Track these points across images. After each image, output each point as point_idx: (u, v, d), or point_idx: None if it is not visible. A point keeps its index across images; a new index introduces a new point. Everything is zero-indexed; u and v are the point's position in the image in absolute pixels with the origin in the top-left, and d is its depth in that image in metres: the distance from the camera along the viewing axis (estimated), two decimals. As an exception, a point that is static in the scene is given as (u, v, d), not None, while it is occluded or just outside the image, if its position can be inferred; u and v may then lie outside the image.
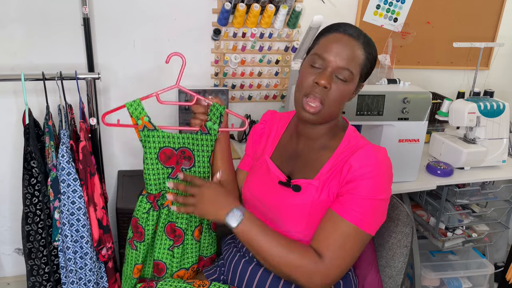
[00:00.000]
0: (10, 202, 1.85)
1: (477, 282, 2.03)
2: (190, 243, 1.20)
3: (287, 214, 1.05)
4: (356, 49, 1.00)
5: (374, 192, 0.97)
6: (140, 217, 1.17)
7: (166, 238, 1.18)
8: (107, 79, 1.78)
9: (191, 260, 1.21)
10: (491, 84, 2.34)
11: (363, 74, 1.04)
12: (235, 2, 1.74)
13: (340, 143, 1.06)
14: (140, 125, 1.11)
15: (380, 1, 2.02)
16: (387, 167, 1.01)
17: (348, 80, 1.00)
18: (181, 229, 1.18)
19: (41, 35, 1.65)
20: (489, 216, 1.93)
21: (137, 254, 1.18)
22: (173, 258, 1.18)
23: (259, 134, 1.24)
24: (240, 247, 1.17)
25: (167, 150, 1.14)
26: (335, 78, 1.00)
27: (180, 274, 1.20)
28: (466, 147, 1.70)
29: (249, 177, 1.18)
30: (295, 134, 1.14)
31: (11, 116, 1.72)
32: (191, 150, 1.16)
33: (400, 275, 1.19)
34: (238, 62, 1.88)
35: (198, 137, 1.16)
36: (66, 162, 1.34)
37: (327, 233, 0.99)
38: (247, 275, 1.09)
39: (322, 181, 1.02)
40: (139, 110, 1.12)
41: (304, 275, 0.97)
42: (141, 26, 1.75)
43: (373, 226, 1.00)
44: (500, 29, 2.25)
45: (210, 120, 1.16)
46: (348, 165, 0.99)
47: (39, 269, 1.56)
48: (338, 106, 1.03)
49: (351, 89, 1.03)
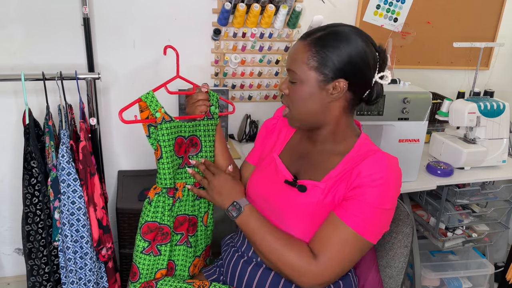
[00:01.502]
0: (10, 202, 1.85)
1: (477, 282, 2.03)
2: (200, 229, 1.24)
3: (290, 213, 1.05)
4: (299, 48, 1.01)
5: (380, 201, 0.96)
6: (161, 218, 1.15)
7: (174, 234, 1.19)
8: (107, 79, 1.78)
9: (201, 247, 1.25)
10: (491, 84, 2.34)
11: (321, 70, 0.98)
12: (235, 2, 1.74)
13: (352, 149, 1.05)
14: (159, 118, 1.10)
15: (380, 1, 2.02)
16: (397, 177, 1.00)
17: (295, 80, 1.02)
18: (195, 216, 1.21)
19: (41, 35, 1.65)
20: (489, 216, 1.93)
21: (162, 259, 1.16)
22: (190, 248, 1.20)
23: (270, 129, 1.24)
24: (238, 247, 1.16)
25: (179, 139, 1.16)
26: (289, 82, 1.04)
27: (195, 263, 1.23)
28: (466, 147, 1.70)
29: (256, 174, 1.18)
30: (305, 135, 1.15)
31: (11, 116, 1.72)
32: (198, 137, 1.20)
33: (401, 275, 1.19)
34: (238, 62, 1.88)
35: (205, 123, 1.20)
36: (66, 162, 1.34)
37: (326, 236, 0.99)
38: (246, 276, 1.09)
39: (329, 185, 1.02)
40: (155, 102, 1.11)
41: (295, 272, 0.98)
42: (141, 26, 1.75)
43: (374, 235, 0.99)
44: (500, 29, 2.25)
45: (213, 105, 1.22)
46: (357, 171, 0.98)
47: (39, 269, 1.56)
48: (304, 108, 1.03)
49: (307, 89, 1.00)
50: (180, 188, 1.18)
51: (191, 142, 1.20)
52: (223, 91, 1.90)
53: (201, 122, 1.19)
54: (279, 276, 1.06)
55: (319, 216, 1.02)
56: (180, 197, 1.18)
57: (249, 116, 1.95)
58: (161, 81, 1.20)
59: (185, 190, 1.19)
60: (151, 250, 1.15)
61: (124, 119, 1.08)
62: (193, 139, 1.20)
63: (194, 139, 1.20)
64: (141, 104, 1.11)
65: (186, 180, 1.19)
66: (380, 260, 1.25)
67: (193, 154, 1.20)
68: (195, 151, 1.20)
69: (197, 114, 1.19)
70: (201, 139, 1.20)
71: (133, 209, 1.63)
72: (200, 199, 1.22)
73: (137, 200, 1.68)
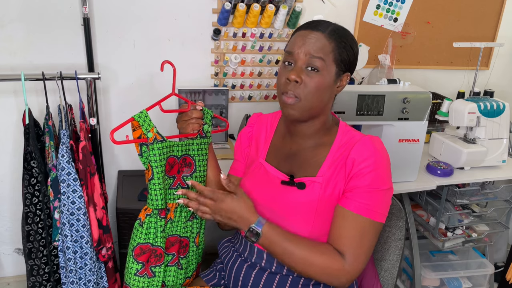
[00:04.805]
0: (10, 202, 1.85)
1: (477, 282, 2.03)
2: (192, 250, 1.20)
3: (294, 213, 1.04)
4: (321, 38, 1.00)
5: (379, 183, 1.00)
6: (154, 239, 1.11)
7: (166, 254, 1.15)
8: (107, 79, 1.78)
9: (192, 267, 1.21)
10: (491, 84, 2.34)
11: (339, 62, 1.01)
12: (235, 2, 1.74)
13: (335, 138, 1.07)
14: (151, 138, 1.07)
15: (380, 1, 2.02)
16: (386, 156, 1.04)
17: (320, 68, 0.99)
18: (187, 238, 1.17)
19: (41, 35, 1.65)
20: (489, 216, 1.93)
21: (156, 280, 1.13)
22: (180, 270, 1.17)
23: (247, 138, 1.23)
24: (241, 251, 1.14)
25: (171, 159, 1.13)
26: (306, 70, 1.00)
27: (185, 284, 1.20)
28: (466, 147, 1.70)
29: (246, 183, 1.16)
30: (288, 134, 1.14)
31: (11, 116, 1.72)
32: (192, 156, 1.16)
33: (396, 267, 1.21)
34: (238, 62, 1.88)
35: (198, 142, 1.16)
36: (66, 162, 1.34)
37: (342, 230, 1.00)
38: (251, 281, 1.08)
39: (326, 178, 1.03)
40: (148, 121, 1.08)
41: (330, 275, 0.99)
42: (141, 26, 1.75)
43: (383, 215, 1.03)
44: (500, 29, 2.25)
45: (206, 124, 1.18)
46: (351, 159, 1.01)
47: (39, 269, 1.56)
48: (317, 98, 1.01)
49: (327, 79, 1.01)
50: (172, 209, 1.14)
51: (184, 162, 1.15)
52: (223, 91, 1.90)
53: (194, 141, 1.15)
54: (284, 280, 1.05)
55: (323, 212, 1.03)
56: (172, 218, 1.14)
57: (249, 116, 1.95)
58: (161, 81, 1.19)
59: (177, 211, 1.15)
60: (145, 272, 1.12)
61: (115, 140, 1.05)
62: (187, 159, 1.16)
63: (188, 159, 1.16)
64: (133, 123, 1.08)
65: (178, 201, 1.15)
66: (375, 254, 1.27)
67: (187, 174, 1.15)
68: (189, 171, 1.16)
69: (190, 133, 1.15)
70: (195, 158, 1.16)
71: (133, 209, 1.63)
72: (192, 220, 1.18)
73: (137, 200, 1.67)
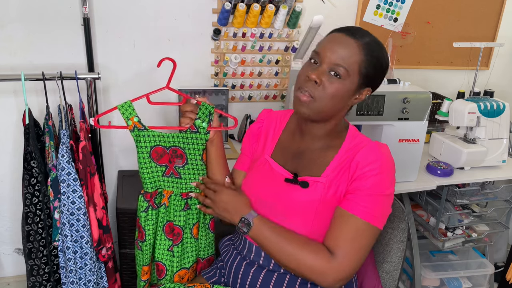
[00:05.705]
0: (10, 202, 1.85)
1: (477, 282, 2.03)
2: (189, 241, 1.20)
3: (294, 211, 1.05)
4: (353, 47, 0.98)
5: (381, 188, 1.00)
6: (140, 216, 1.19)
7: (165, 238, 1.18)
8: (107, 79, 1.78)
9: (191, 259, 1.21)
10: (491, 84, 2.34)
11: (363, 75, 1.00)
12: (235, 2, 1.74)
13: (344, 141, 1.08)
14: (130, 125, 1.14)
15: (380, 1, 2.02)
16: (392, 163, 1.04)
17: (342, 76, 0.98)
18: (180, 227, 1.18)
19: (41, 35, 1.65)
20: (489, 216, 1.93)
21: (142, 255, 1.19)
22: (173, 257, 1.18)
23: (256, 133, 1.23)
24: (240, 249, 1.15)
25: (158, 148, 1.17)
26: (329, 74, 0.99)
27: (181, 274, 1.20)
28: (466, 147, 1.70)
29: (250, 178, 1.17)
30: (298, 132, 1.14)
31: (11, 116, 1.72)
32: (182, 149, 1.17)
33: (397, 270, 1.20)
34: (238, 62, 1.88)
35: (188, 136, 1.16)
36: (66, 162, 1.34)
37: (337, 230, 1.00)
38: (249, 278, 1.09)
39: (329, 179, 1.03)
40: (130, 111, 1.15)
41: (317, 274, 0.99)
42: (141, 26, 1.75)
43: (382, 220, 1.02)
44: (500, 29, 2.25)
45: (199, 119, 1.16)
46: (356, 162, 1.01)
47: (39, 269, 1.56)
48: (332, 103, 1.01)
49: (346, 88, 1.00)
50: (166, 196, 1.19)
51: (175, 153, 1.17)
52: (223, 91, 1.90)
53: (182, 134, 1.16)
54: (282, 278, 1.06)
55: (323, 212, 1.03)
56: (166, 205, 1.18)
57: (249, 116, 1.95)
58: (161, 81, 1.20)
59: (171, 198, 1.19)
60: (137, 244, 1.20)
61: (98, 124, 1.18)
62: (177, 151, 1.17)
63: (178, 151, 1.17)
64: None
65: (173, 189, 1.18)
66: (377, 256, 1.27)
67: (179, 165, 1.18)
68: (181, 162, 1.18)
69: (179, 126, 1.17)
70: (186, 151, 1.17)
71: (133, 209, 1.62)
72: (186, 210, 1.19)
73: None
